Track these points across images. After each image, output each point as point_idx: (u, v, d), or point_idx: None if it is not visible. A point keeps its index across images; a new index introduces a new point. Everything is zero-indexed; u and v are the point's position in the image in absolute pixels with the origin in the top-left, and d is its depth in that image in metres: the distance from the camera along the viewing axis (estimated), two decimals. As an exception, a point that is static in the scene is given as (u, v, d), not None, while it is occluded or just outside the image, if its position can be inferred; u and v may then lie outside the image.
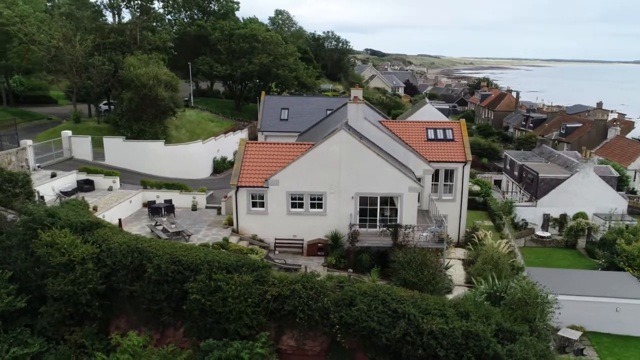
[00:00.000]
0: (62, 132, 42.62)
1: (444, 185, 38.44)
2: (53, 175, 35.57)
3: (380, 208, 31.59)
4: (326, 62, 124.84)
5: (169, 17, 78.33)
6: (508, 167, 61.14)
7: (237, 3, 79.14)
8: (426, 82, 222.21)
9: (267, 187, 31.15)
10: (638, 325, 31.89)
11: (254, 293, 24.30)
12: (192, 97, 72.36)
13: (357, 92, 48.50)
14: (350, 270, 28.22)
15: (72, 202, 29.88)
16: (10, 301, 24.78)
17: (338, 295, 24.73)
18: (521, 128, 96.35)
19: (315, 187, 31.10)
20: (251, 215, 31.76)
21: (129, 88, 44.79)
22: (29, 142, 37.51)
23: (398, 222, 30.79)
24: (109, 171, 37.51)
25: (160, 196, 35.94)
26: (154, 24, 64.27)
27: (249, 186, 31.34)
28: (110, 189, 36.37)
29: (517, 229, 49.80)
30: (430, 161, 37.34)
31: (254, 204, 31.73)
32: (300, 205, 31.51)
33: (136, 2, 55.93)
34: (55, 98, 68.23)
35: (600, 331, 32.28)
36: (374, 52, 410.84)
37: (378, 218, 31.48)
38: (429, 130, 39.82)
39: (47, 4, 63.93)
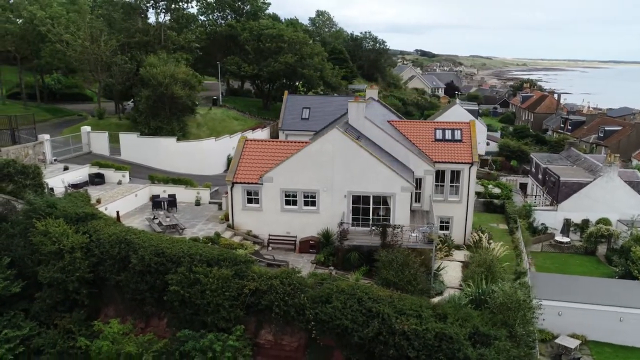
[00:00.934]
0: (81, 127, 44.48)
1: (450, 186, 37.77)
2: (65, 169, 37.24)
3: (374, 207, 31.47)
4: (363, 63, 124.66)
5: (202, 17, 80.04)
6: (533, 169, 59.46)
7: (268, 4, 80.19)
8: (471, 84, 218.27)
9: (262, 184, 31.56)
10: (642, 337, 30.57)
11: (232, 287, 24.77)
12: (221, 95, 73.86)
13: (372, 92, 48.77)
14: (332, 267, 28.30)
15: (74, 194, 31.25)
16: (5, 286, 26.19)
17: (316, 292, 24.89)
18: (559, 131, 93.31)
19: (309, 185, 31.27)
20: (246, 212, 32.25)
21: (147, 86, 46.27)
22: (47, 136, 39.36)
23: (391, 221, 30.61)
24: (120, 165, 38.90)
25: (166, 191, 36.94)
26: (189, 25, 65.87)
27: (244, 182, 31.83)
28: (119, 182, 37.71)
29: (536, 234, 48.43)
30: (435, 161, 36.86)
31: (249, 200, 32.20)
32: (294, 203, 31.76)
33: (162, 2, 57.51)
34: (90, 95, 70.97)
35: (602, 341, 31.16)
36: (424, 53, 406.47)
37: (371, 217, 31.36)
38: (437, 131, 39.22)
39: (92, 5, 66.65)
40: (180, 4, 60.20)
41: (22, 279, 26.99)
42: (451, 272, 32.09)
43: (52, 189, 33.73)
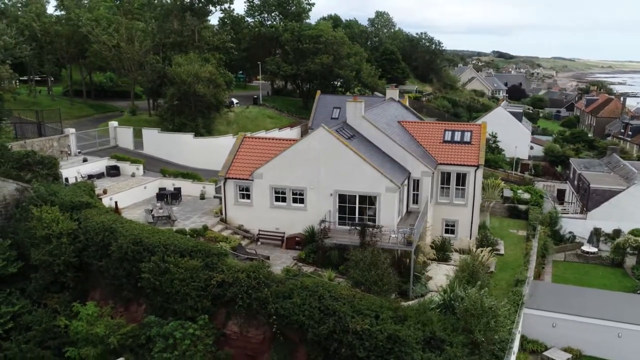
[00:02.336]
0: (109, 123, 47.11)
1: (456, 189, 36.93)
2: (85, 160, 39.65)
3: (362, 207, 31.34)
4: (418, 64, 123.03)
5: (249, 19, 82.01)
6: (571, 175, 56.57)
7: (312, 4, 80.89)
8: (540, 86, 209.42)
9: (252, 180, 32.25)
10: (640, 355, 28.55)
11: (200, 277, 25.62)
12: (260, 94, 75.47)
13: (392, 93, 48.55)
14: (301, 264, 28.50)
15: (79, 183, 33.31)
16: (4, 266, 28.40)
17: (279, 287, 25.24)
18: (619, 136, 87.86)
19: (297, 183, 31.63)
20: (238, 206, 33.06)
21: (173, 84, 48.28)
22: (72, 130, 42.05)
23: (377, 221, 30.40)
24: (135, 159, 40.89)
25: (175, 184, 38.46)
26: (225, 27, 67.87)
27: (237, 178, 32.67)
28: (133, 175, 39.66)
29: (563, 242, 46.15)
30: (441, 163, 36.27)
31: (241, 196, 33.00)
32: (283, 200, 32.22)
33: (197, 5, 59.57)
34: (138, 93, 74.55)
35: (599, 356, 29.33)
36: (501, 55, 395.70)
37: (357, 216, 31.25)
38: (446, 132, 38.51)
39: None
40: (218, 6, 62.11)
41: (21, 261, 29.17)
42: (443, 275, 31.42)
43: (66, 179, 36.06)
